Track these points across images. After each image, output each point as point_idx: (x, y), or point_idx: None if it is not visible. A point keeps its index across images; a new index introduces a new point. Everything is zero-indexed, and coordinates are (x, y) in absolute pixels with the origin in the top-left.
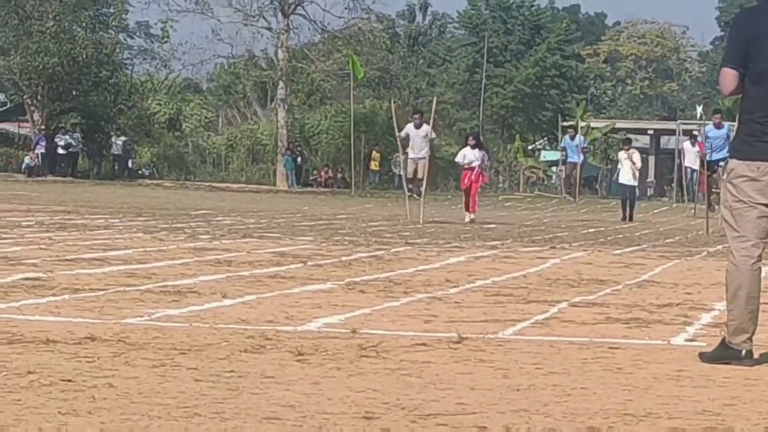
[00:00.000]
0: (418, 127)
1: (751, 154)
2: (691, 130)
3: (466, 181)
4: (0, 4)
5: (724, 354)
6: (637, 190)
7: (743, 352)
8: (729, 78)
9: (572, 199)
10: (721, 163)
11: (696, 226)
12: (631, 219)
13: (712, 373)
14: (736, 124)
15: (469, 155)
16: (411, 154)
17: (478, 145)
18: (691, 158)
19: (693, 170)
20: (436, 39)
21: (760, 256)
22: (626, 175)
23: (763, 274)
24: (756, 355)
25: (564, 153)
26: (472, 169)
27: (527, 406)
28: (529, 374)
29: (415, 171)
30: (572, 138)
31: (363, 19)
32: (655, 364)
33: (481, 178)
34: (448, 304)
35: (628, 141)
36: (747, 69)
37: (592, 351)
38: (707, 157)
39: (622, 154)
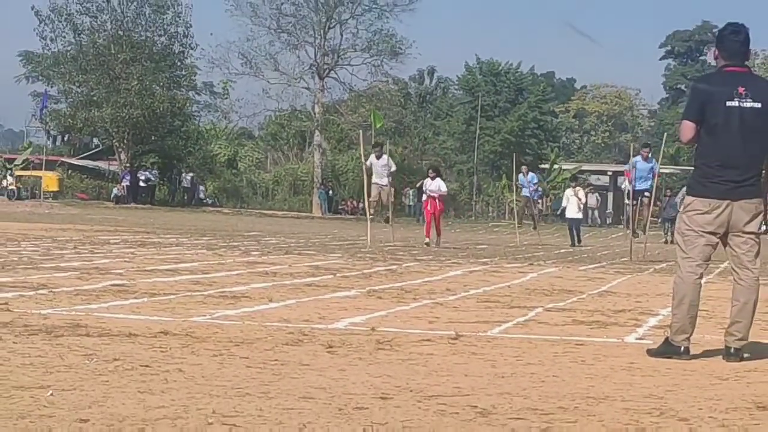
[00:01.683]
0: (378, 157)
1: (704, 192)
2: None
3: (429, 208)
4: (94, 67)
5: (667, 350)
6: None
7: (682, 348)
8: (689, 129)
9: (534, 228)
10: (647, 194)
11: (645, 249)
12: (579, 242)
13: (657, 365)
14: (658, 164)
15: (427, 185)
16: (374, 180)
17: (437, 176)
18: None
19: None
20: (440, 98)
21: (702, 274)
22: (573, 210)
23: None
24: (695, 352)
25: (519, 186)
26: (433, 198)
27: (510, 389)
28: (512, 364)
29: (379, 195)
30: (525, 174)
31: (382, 81)
32: (612, 358)
33: (440, 205)
34: (448, 308)
35: (575, 179)
36: (702, 123)
37: (562, 346)
38: (633, 186)
39: (569, 191)
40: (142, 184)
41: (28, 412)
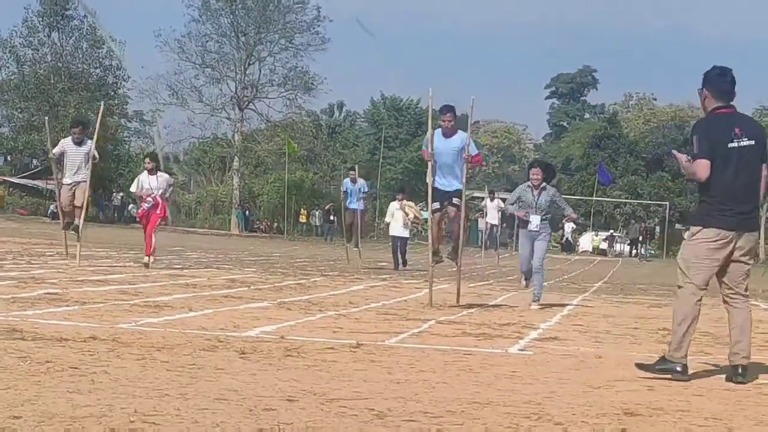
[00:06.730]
0: (79, 143)
1: (712, 223)
2: (493, 191)
3: (141, 212)
4: (35, 95)
5: (665, 366)
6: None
7: (680, 366)
8: (706, 167)
9: (355, 248)
10: (455, 200)
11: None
12: (404, 264)
13: (537, 374)
14: (472, 142)
15: (145, 182)
16: (67, 179)
17: (157, 169)
18: (491, 215)
19: (492, 225)
20: (347, 129)
21: (702, 297)
22: (397, 227)
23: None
24: (570, 363)
25: (344, 197)
26: (153, 200)
27: (404, 394)
28: (406, 371)
29: (73, 197)
30: (353, 181)
31: (296, 113)
32: (496, 367)
33: (162, 211)
34: (350, 319)
35: (402, 190)
36: (718, 159)
37: (451, 356)
38: (434, 183)
39: (394, 204)
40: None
41: None
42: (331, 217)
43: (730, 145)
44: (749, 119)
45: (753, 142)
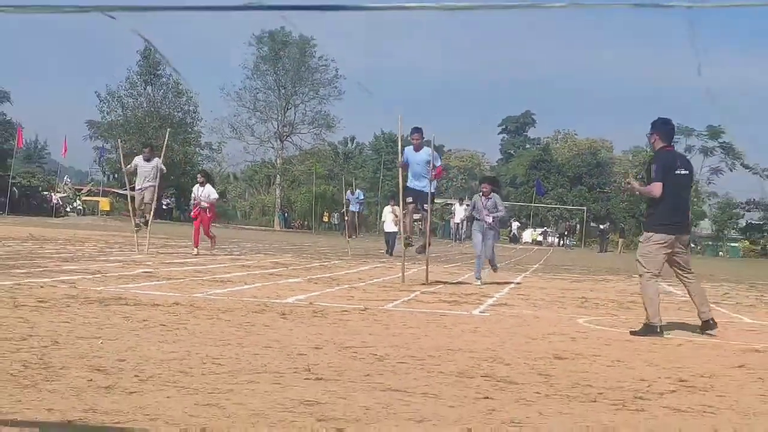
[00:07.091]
0: (148, 160)
1: (662, 230)
2: (462, 199)
3: (194, 214)
4: (135, 131)
5: (648, 330)
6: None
7: (659, 328)
8: (660, 187)
9: (354, 237)
10: (426, 206)
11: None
12: (391, 253)
13: (493, 329)
14: (441, 158)
15: (197, 191)
16: (138, 185)
17: (207, 182)
18: (459, 216)
19: (457, 223)
20: (357, 155)
21: (657, 278)
22: (389, 224)
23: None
24: (515, 321)
25: (347, 203)
26: (203, 208)
27: (398, 343)
28: (399, 328)
29: (143, 200)
30: (352, 193)
31: (321, 144)
32: (463, 324)
33: (210, 213)
34: (359, 290)
35: (393, 197)
36: (666, 183)
37: (431, 316)
38: (410, 184)
39: (387, 208)
40: (164, 207)
41: (86, 354)
42: (345, 218)
43: (676, 172)
44: (684, 156)
45: (687, 172)
